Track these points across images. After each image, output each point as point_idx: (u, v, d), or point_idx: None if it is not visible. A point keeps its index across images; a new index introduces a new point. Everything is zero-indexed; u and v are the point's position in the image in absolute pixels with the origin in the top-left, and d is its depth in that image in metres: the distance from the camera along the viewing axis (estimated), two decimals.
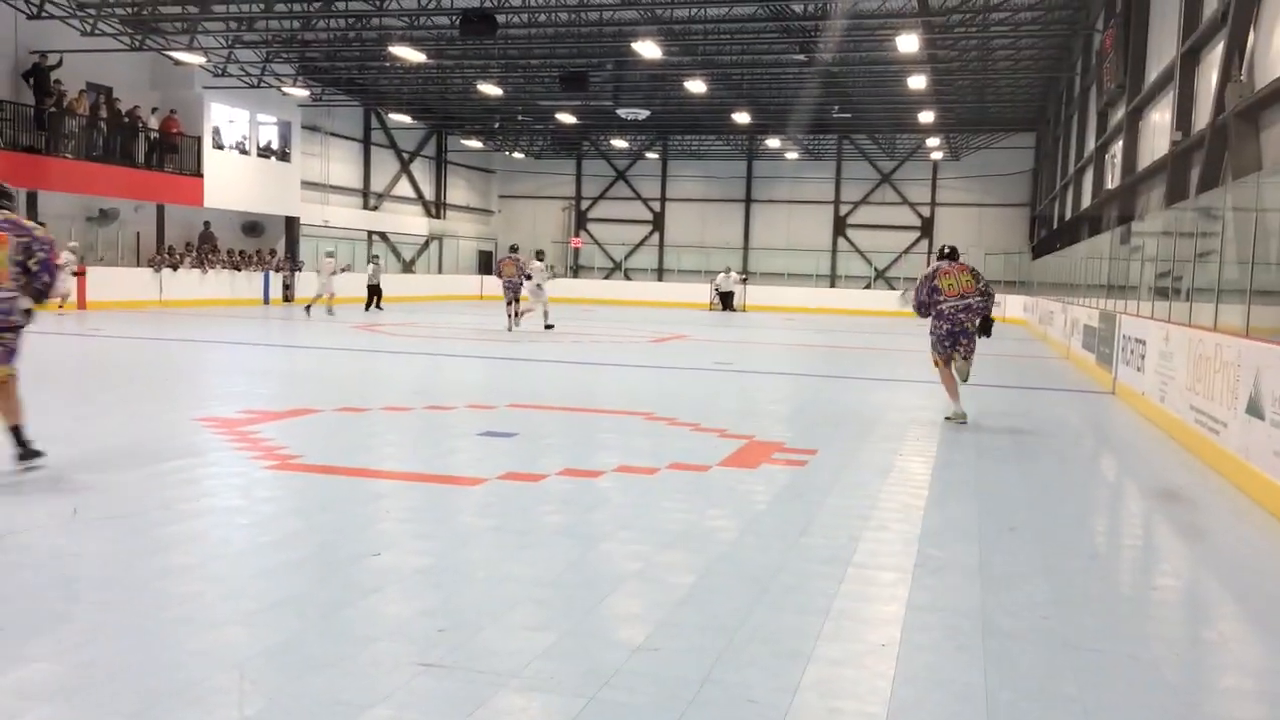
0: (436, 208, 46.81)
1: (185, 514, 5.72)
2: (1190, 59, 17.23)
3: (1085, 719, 3.43)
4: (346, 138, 40.15)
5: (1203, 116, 15.87)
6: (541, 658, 3.74)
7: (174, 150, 29.24)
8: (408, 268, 44.01)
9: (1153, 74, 20.53)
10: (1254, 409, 7.07)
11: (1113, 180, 24.01)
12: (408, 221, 44.23)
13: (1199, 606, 5.07)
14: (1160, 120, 19.79)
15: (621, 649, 3.86)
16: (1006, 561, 5.31)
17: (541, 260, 22.96)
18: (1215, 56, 15.27)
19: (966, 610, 4.46)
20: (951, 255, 10.39)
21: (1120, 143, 23.00)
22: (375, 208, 42.24)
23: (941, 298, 10.12)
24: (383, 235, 42.55)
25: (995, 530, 5.95)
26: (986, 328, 10.14)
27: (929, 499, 6.78)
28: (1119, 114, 23.40)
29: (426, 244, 45.74)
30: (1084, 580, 5.14)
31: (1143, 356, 11.72)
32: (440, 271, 45.31)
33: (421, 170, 45.78)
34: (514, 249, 23.13)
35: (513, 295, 21.80)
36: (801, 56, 29.87)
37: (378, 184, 42.43)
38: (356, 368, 14.66)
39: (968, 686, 3.63)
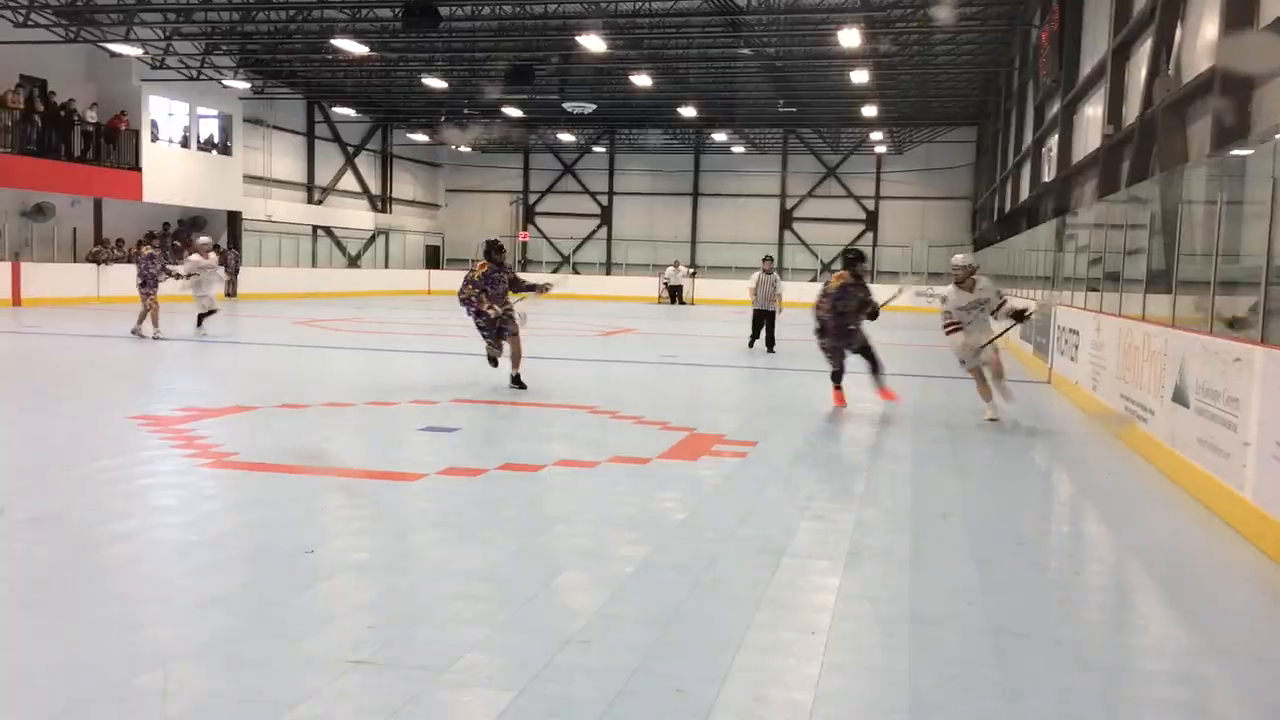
0: (382, 202, 46.34)
1: (116, 513, 5.64)
2: (1121, 54, 17.59)
3: (1006, 701, 3.52)
4: (290, 131, 39.58)
5: (1133, 111, 16.21)
6: (474, 651, 3.75)
7: (112, 144, 28.64)
8: (353, 263, 43.55)
9: (1086, 69, 20.93)
10: (1179, 397, 7.27)
11: (1049, 173, 24.46)
12: (353, 216, 43.74)
13: (1122, 590, 5.21)
14: (1094, 114, 20.19)
15: (555, 641, 3.88)
16: (937, 549, 5.41)
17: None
18: (1145, 52, 15.60)
19: (896, 598, 4.54)
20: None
21: (1056, 136, 23.42)
22: (320, 202, 41.72)
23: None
24: (328, 230, 42.04)
25: (928, 519, 6.06)
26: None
27: (865, 489, 6.89)
28: (1055, 108, 23.83)
29: (373, 239, 45.29)
30: (1011, 566, 5.25)
31: (1076, 346, 11.97)
32: (387, 266, 44.90)
33: (367, 164, 45.29)
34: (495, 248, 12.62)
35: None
36: (746, 51, 30.00)
37: (322, 178, 41.90)
38: (298, 364, 14.50)
39: (893, 672, 3.71)
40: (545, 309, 30.34)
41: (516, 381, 11.04)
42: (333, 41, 26.54)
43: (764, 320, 17.47)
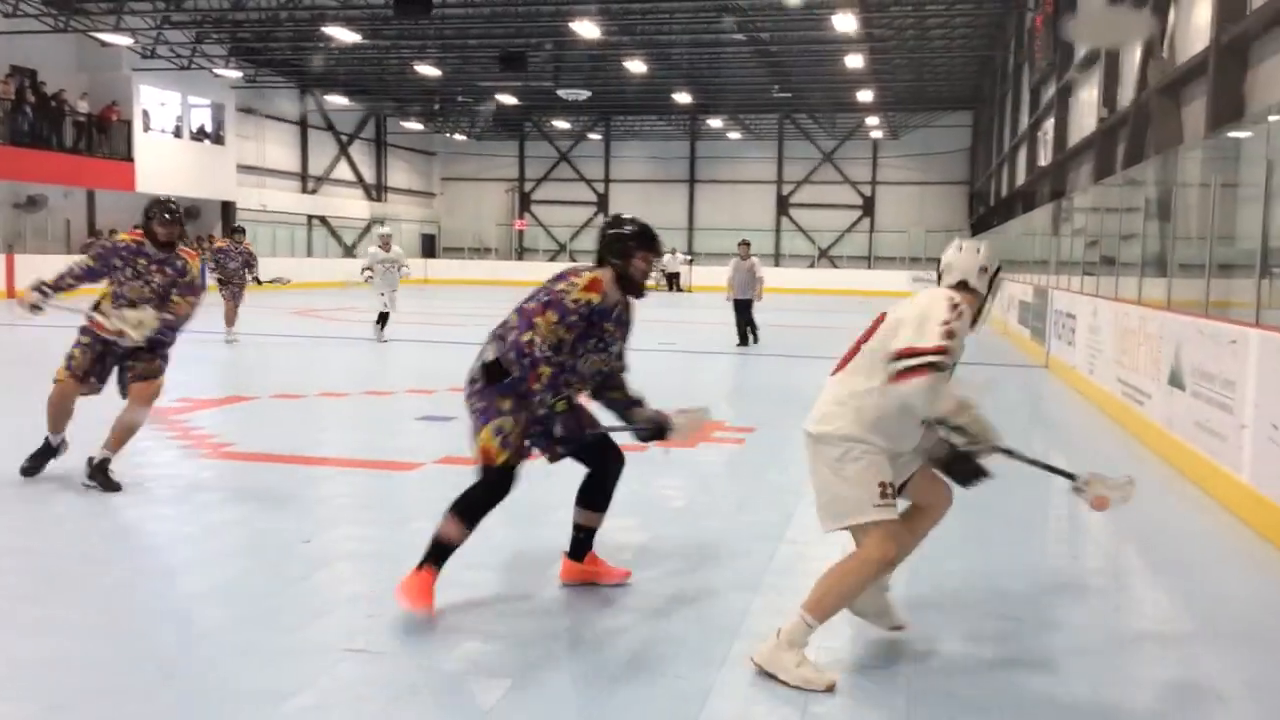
0: (377, 191, 46.24)
1: (113, 506, 5.63)
2: None
3: (1006, 679, 3.53)
4: (283, 120, 39.46)
5: (1128, 93, 16.19)
6: (472, 639, 3.75)
7: (104, 134, 28.53)
8: (349, 252, 43.46)
9: (1081, 52, 20.90)
10: (1175, 380, 7.27)
11: (1045, 157, 24.45)
12: (348, 205, 43.65)
13: (1119, 574, 5.22)
14: (1088, 97, 20.17)
15: (553, 629, 3.88)
16: (934, 533, 5.40)
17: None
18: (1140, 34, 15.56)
19: (893, 581, 4.54)
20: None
21: (1052, 120, 23.40)
22: (314, 191, 41.63)
23: None
24: (323, 219, 41.97)
25: None
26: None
27: None
28: (1050, 91, 23.80)
29: (368, 228, 45.19)
30: (1009, 550, 5.26)
31: (1073, 331, 11.97)
32: None
33: (361, 153, 45.17)
34: None
35: None
36: (740, 36, 29.91)
37: (316, 167, 41.80)
38: (295, 354, 14.48)
39: (888, 658, 3.71)
40: None
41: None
42: (324, 29, 26.44)
43: (744, 310, 16.09)
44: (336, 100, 40.37)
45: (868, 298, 32.93)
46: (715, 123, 43.95)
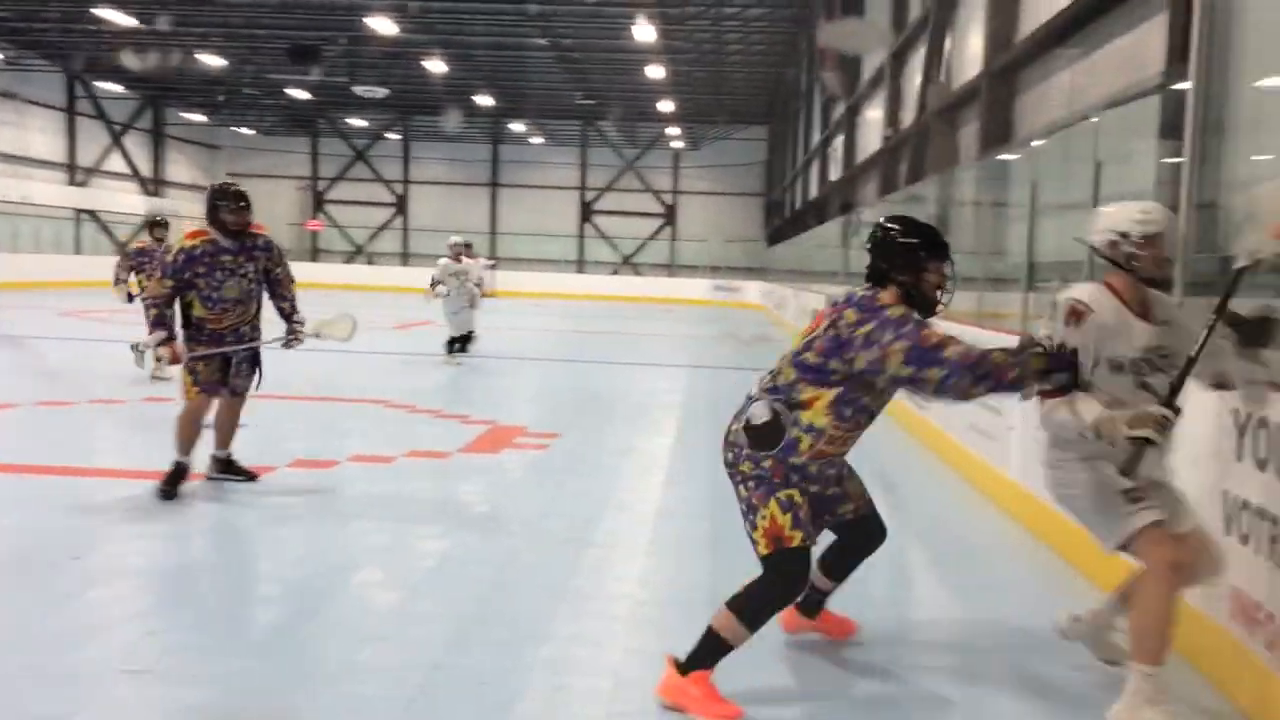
0: (155, 185, 43.51)
1: None
2: (898, 60, 18.65)
3: (795, 676, 3.65)
4: (47, 106, 36.53)
5: (910, 114, 17.20)
6: (259, 656, 3.56)
7: None
8: (122, 249, 40.69)
9: (867, 73, 22.06)
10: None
11: (835, 172, 25.67)
12: (122, 199, 40.80)
13: (902, 568, 5.50)
14: (874, 117, 21.31)
15: (351, 641, 3.74)
16: (735, 536, 5.51)
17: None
18: (919, 59, 16.58)
19: (697, 584, 4.63)
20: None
21: (841, 137, 24.59)
22: (83, 184, 38.72)
23: None
24: (93, 214, 39.09)
25: (726, 506, 6.17)
26: None
27: (666, 478, 7.00)
28: (839, 110, 25.00)
29: (144, 224, 42.32)
30: None
31: None
32: None
33: (137, 144, 42.39)
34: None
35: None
36: (543, 41, 29.94)
37: (85, 158, 38.91)
38: (63, 358, 13.41)
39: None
40: (337, 301, 29.35)
41: None
42: (95, 11, 24.66)
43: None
44: (109, 87, 37.73)
45: (670, 305, 33.70)
46: (518, 127, 43.80)
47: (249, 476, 6.04)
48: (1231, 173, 4.18)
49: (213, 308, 5.71)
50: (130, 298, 10.88)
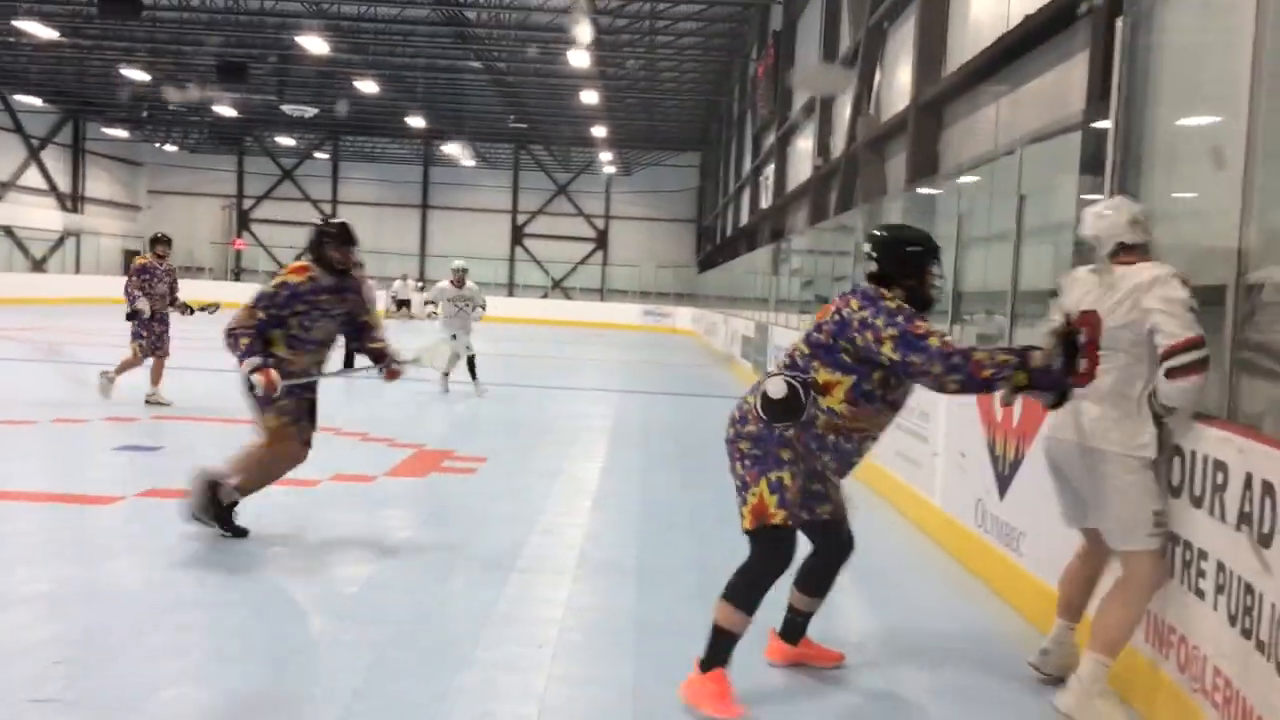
0: (73, 201, 42.35)
1: None
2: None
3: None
4: None
5: (840, 145, 17.49)
6: (176, 685, 3.44)
7: None
8: (38, 266, 39.47)
9: (799, 103, 22.41)
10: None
11: (766, 200, 25.97)
12: (37, 215, 39.60)
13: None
14: (805, 146, 21.64)
15: (269, 670, 3.63)
16: (662, 559, 5.53)
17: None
18: (850, 91, 16.89)
19: (622, 608, 4.60)
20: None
21: (772, 165, 24.91)
22: None
23: None
24: (7, 230, 37.88)
25: (654, 530, 6.19)
26: None
27: (593, 502, 6.95)
28: (771, 139, 25.34)
29: (61, 241, 41.23)
30: (727, 572, 5.43)
31: None
32: (78, 272, 40.96)
33: (55, 159, 41.24)
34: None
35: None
36: (477, 64, 29.90)
37: (1, 173, 37.76)
38: None
39: (618, 682, 3.73)
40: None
41: None
42: (14, 23, 24.00)
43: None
44: (27, 100, 36.70)
45: (601, 330, 33.69)
46: (450, 149, 43.60)
47: (239, 532, 5.35)
48: (1151, 207, 4.30)
49: (296, 347, 5.34)
50: (151, 314, 10.23)
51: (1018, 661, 4.06)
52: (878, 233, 3.79)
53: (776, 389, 3.46)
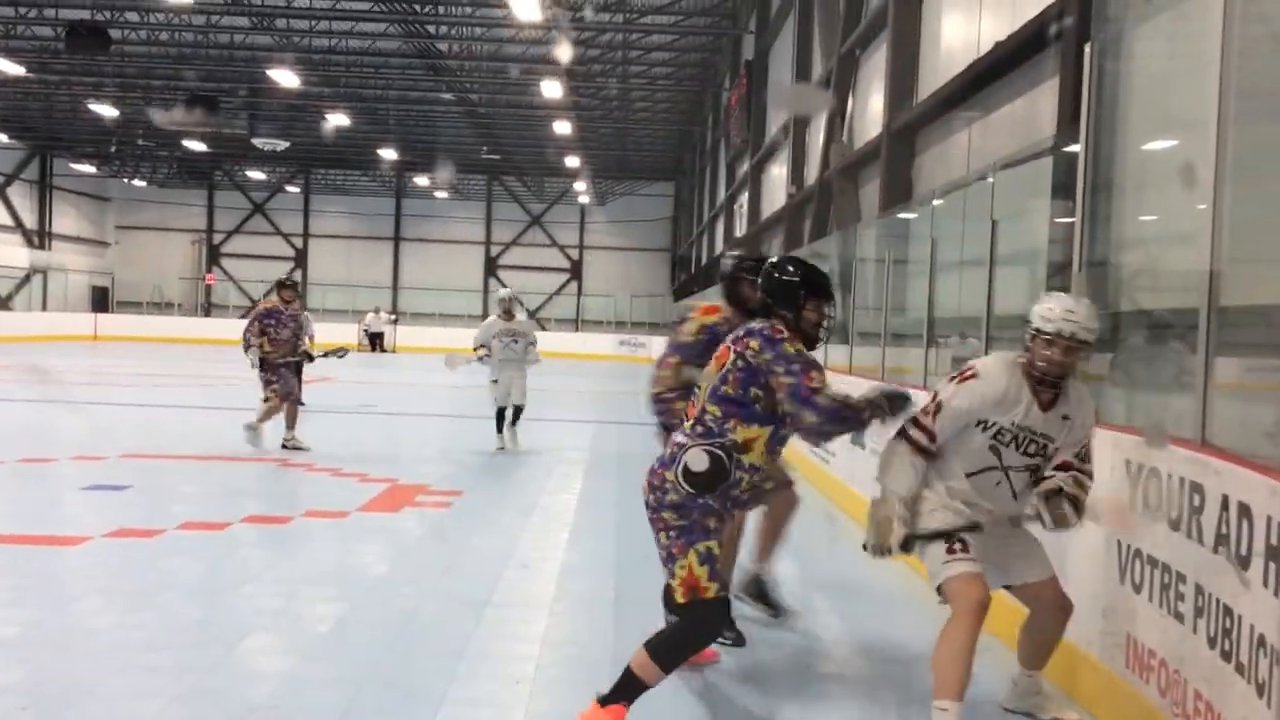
0: (39, 237, 41.93)
1: None
2: (802, 120, 19.10)
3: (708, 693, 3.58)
4: None
5: (814, 172, 17.58)
6: None
7: None
8: (4, 304, 38.97)
9: (772, 131, 22.54)
10: (856, 440, 7.82)
11: (741, 228, 26.08)
12: (3, 252, 39.14)
13: (806, 613, 5.48)
14: (779, 174, 21.75)
15: (240, 710, 3.55)
16: (640, 591, 5.45)
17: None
18: (823, 119, 17.00)
19: (599, 641, 4.54)
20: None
21: (747, 194, 25.03)
22: None
23: None
24: None
25: (631, 562, 6.12)
26: None
27: (570, 536, 6.88)
28: (745, 167, 25.47)
29: (27, 278, 40.72)
30: None
31: None
32: (45, 309, 40.45)
33: (21, 195, 40.85)
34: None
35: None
36: (449, 96, 29.95)
37: None
38: None
39: None
40: (230, 357, 28.56)
41: None
42: None
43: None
44: None
45: (576, 360, 33.61)
46: (422, 181, 43.56)
47: (738, 639, 4.58)
48: (1121, 231, 4.32)
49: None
50: (262, 363, 9.85)
51: (998, 674, 4.03)
52: (768, 261, 3.81)
53: (698, 462, 3.37)
